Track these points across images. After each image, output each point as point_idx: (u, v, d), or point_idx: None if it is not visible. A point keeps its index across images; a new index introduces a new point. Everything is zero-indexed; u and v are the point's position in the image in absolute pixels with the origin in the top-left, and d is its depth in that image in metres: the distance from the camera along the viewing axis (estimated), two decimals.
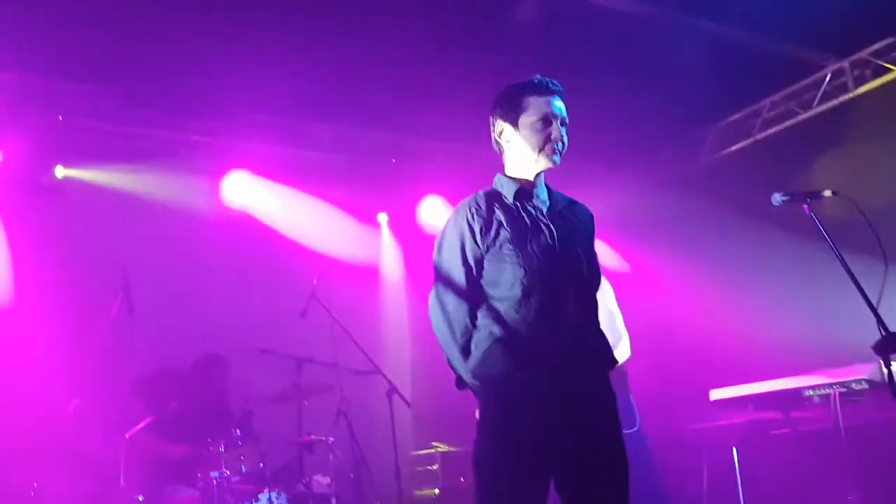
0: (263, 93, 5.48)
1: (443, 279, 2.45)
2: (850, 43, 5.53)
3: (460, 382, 2.44)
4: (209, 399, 5.22)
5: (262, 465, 4.75)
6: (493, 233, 2.36)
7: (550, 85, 2.47)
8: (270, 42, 5.01)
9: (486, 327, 2.35)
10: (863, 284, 2.90)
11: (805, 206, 3.03)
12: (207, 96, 5.47)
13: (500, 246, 2.34)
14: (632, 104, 5.47)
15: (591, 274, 2.45)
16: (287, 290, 5.53)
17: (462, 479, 5.88)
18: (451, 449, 6.09)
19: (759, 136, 6.28)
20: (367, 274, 6.88)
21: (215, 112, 5.77)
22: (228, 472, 4.57)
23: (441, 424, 6.09)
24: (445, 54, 5.20)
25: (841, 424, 4.14)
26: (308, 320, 5.02)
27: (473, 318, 2.39)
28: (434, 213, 6.95)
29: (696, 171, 6.71)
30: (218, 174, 6.22)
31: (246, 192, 6.27)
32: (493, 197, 2.46)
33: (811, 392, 4.33)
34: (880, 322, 2.81)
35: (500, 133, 2.52)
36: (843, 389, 4.14)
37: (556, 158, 2.45)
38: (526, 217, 2.41)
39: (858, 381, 4.03)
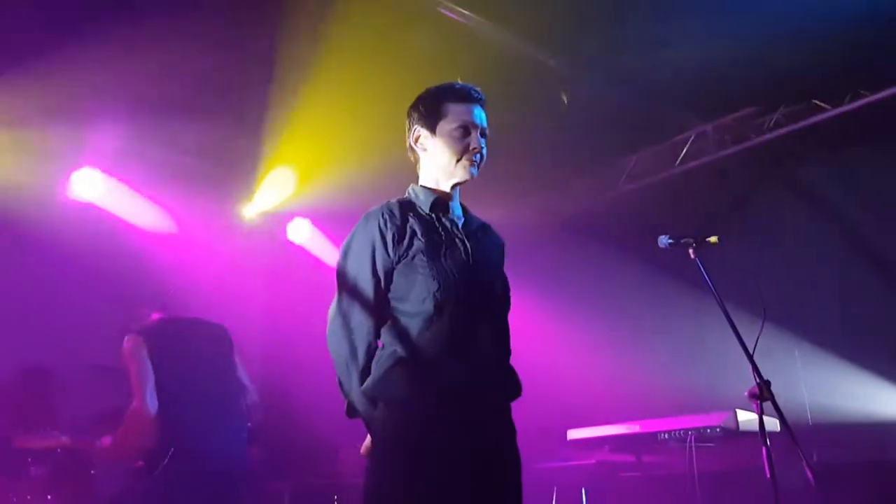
0: (118, 86, 5.03)
1: (348, 290, 2.23)
2: (715, 108, 5.88)
3: (352, 410, 2.20)
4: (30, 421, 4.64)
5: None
6: (406, 243, 2.19)
7: (472, 92, 2.36)
8: (135, 37, 4.62)
9: (389, 346, 2.15)
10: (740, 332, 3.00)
11: (690, 251, 3.12)
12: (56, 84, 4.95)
13: (413, 257, 2.17)
14: (512, 143, 5.52)
15: (505, 299, 2.33)
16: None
17: None
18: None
19: (625, 188, 6.54)
20: (224, 285, 6.44)
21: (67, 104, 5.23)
22: None
23: (291, 453, 5.75)
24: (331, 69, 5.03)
25: (694, 470, 4.27)
26: None
27: (378, 335, 2.19)
28: (299, 228, 6.67)
29: (566, 216, 6.88)
30: (66, 170, 5.63)
31: (95, 191, 5.70)
32: (408, 206, 2.30)
33: (666, 436, 4.45)
34: (755, 369, 2.90)
35: (417, 139, 2.37)
36: (698, 435, 4.28)
37: (474, 171, 2.33)
38: (441, 230, 2.26)
39: (713, 428, 4.17)
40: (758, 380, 2.86)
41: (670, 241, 3.15)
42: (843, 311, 5.27)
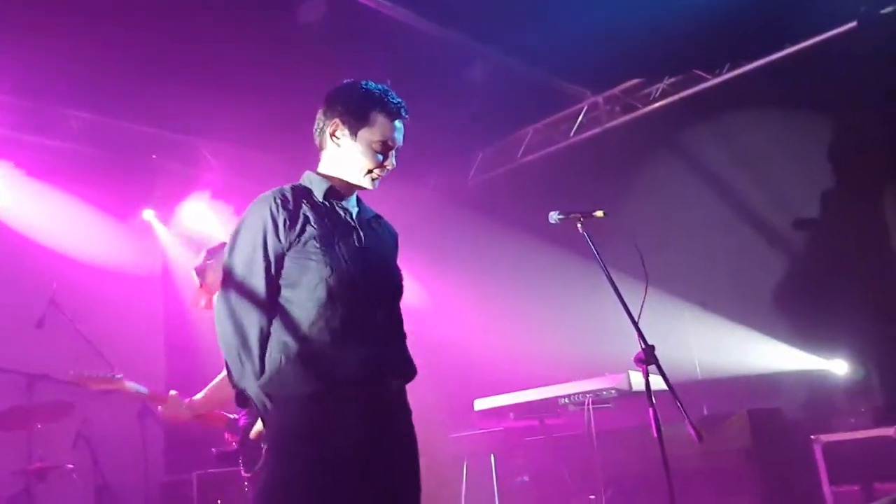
0: None
1: (236, 280, 2.16)
2: (604, 80, 6.06)
3: (243, 399, 2.15)
4: None
5: None
6: (298, 228, 2.13)
7: (402, 110, 2.30)
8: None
9: (280, 336, 2.10)
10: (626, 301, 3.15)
11: (579, 225, 3.23)
12: None
13: (306, 243, 2.12)
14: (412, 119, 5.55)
15: (398, 287, 2.33)
16: (20, 296, 4.87)
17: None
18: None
19: (523, 160, 6.68)
20: (121, 278, 6.22)
21: None
22: None
23: (200, 446, 5.67)
24: (218, 50, 4.92)
25: (592, 430, 4.48)
26: (45, 331, 4.47)
27: (269, 322, 2.13)
28: (197, 214, 6.51)
29: (465, 191, 6.98)
30: None
31: None
32: (301, 192, 2.25)
33: (566, 401, 4.64)
34: (641, 335, 3.05)
35: (334, 132, 2.29)
36: (595, 397, 4.49)
37: (375, 185, 2.31)
38: (335, 217, 2.23)
39: (608, 390, 4.38)
40: (643, 345, 3.01)
41: (560, 216, 3.26)
42: (727, 272, 5.58)
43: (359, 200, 2.39)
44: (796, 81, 5.37)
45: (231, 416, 3.53)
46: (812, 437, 4.68)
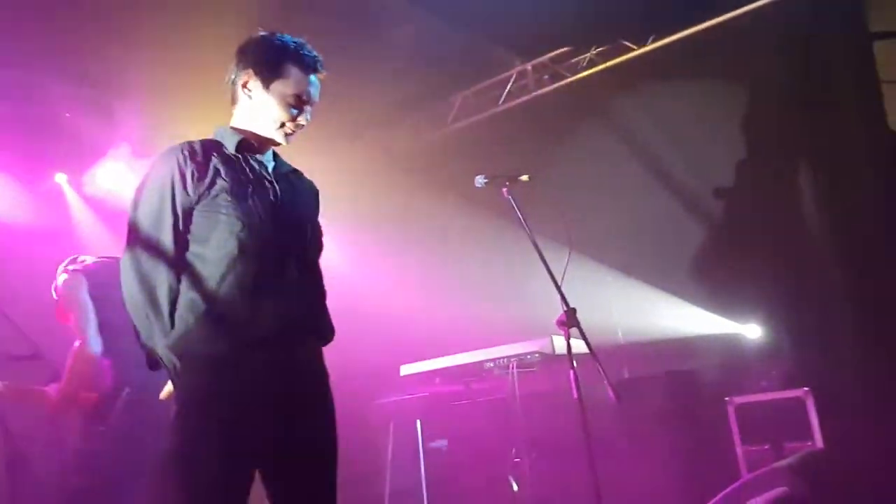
0: None
1: (141, 236, 2.06)
2: (534, 48, 6.07)
3: (153, 361, 2.06)
4: None
5: None
6: (207, 180, 2.05)
7: (318, 64, 2.24)
8: None
9: (189, 293, 2.02)
10: (550, 265, 3.19)
11: (504, 190, 3.24)
12: None
13: (216, 196, 2.05)
14: (335, 82, 5.44)
15: (317, 242, 2.27)
16: None
17: None
18: None
19: (454, 126, 6.65)
20: (33, 240, 5.91)
21: None
22: None
23: None
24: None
25: (516, 393, 4.55)
26: None
27: (178, 279, 2.05)
28: (113, 175, 6.24)
29: (394, 153, 6.91)
30: None
31: None
32: (212, 145, 2.16)
33: (491, 365, 4.68)
34: (563, 299, 3.09)
35: (245, 83, 2.21)
36: (519, 361, 4.55)
37: (289, 140, 2.24)
38: (248, 170, 2.15)
39: (532, 354, 4.44)
40: (565, 308, 3.06)
41: (485, 180, 3.27)
42: (649, 238, 5.70)
43: (275, 155, 2.32)
44: (716, 54, 5.49)
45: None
46: (726, 398, 4.87)
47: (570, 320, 3.04)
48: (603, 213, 5.61)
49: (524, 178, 3.21)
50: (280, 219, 2.13)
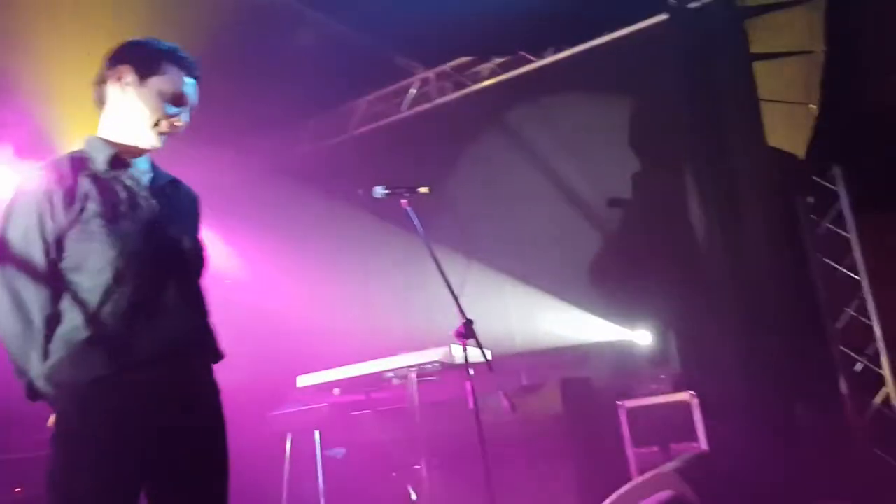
0: None
1: (13, 261, 1.96)
2: (437, 55, 6.10)
3: (33, 392, 1.97)
4: None
5: None
6: (77, 206, 1.95)
7: (195, 69, 2.17)
8: None
9: (67, 322, 1.94)
10: (448, 276, 3.21)
11: (403, 201, 3.24)
12: None
13: (88, 221, 1.95)
14: (234, 86, 5.31)
15: (198, 258, 2.18)
16: None
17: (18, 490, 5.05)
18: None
19: (355, 132, 6.60)
20: None
21: None
22: None
23: None
24: None
25: (416, 402, 4.54)
26: None
27: (55, 308, 1.97)
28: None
29: (294, 161, 6.78)
30: None
31: None
32: (80, 162, 2.04)
33: (391, 374, 4.65)
34: (461, 310, 3.12)
35: (120, 77, 2.10)
36: (419, 371, 4.54)
37: (163, 141, 2.14)
38: (121, 189, 2.04)
39: (433, 363, 4.44)
40: (462, 319, 3.08)
41: (385, 191, 3.26)
42: (546, 247, 5.82)
43: (153, 165, 2.22)
44: (612, 68, 5.67)
45: None
46: (617, 402, 5.04)
47: (467, 332, 3.07)
48: (502, 221, 5.69)
49: (424, 189, 3.22)
50: (158, 240, 2.05)
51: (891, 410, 5.08)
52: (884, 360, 5.15)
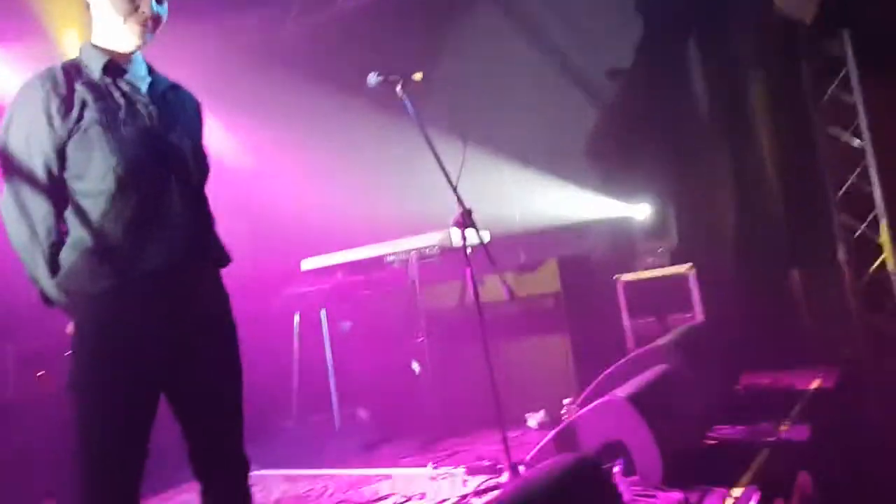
0: None
1: (17, 171, 1.96)
2: None
3: (46, 298, 2.02)
4: None
5: None
6: (75, 114, 1.93)
7: None
8: None
9: (74, 231, 1.97)
10: (445, 161, 3.17)
11: (398, 89, 3.16)
12: None
13: (87, 129, 1.93)
14: None
15: (200, 165, 2.15)
16: None
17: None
18: None
19: (346, 4, 6.31)
20: None
21: None
22: None
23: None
24: None
25: (417, 282, 4.63)
26: None
27: (60, 217, 1.99)
28: None
29: (283, 39, 6.54)
30: None
31: None
32: (75, 70, 2.00)
33: (392, 258, 4.73)
34: (459, 200, 3.11)
35: None
36: (419, 253, 4.60)
37: (149, 36, 2.06)
38: (118, 95, 2.01)
39: (432, 247, 4.49)
40: (461, 209, 3.08)
41: (378, 78, 3.17)
42: (544, 125, 5.71)
43: (151, 70, 2.15)
44: None
45: None
46: (615, 276, 5.13)
47: (466, 221, 3.07)
48: (498, 102, 5.56)
49: (417, 76, 3.13)
50: (159, 147, 2.02)
51: (886, 276, 5.16)
52: (883, 226, 5.18)
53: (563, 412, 3.80)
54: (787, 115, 5.38)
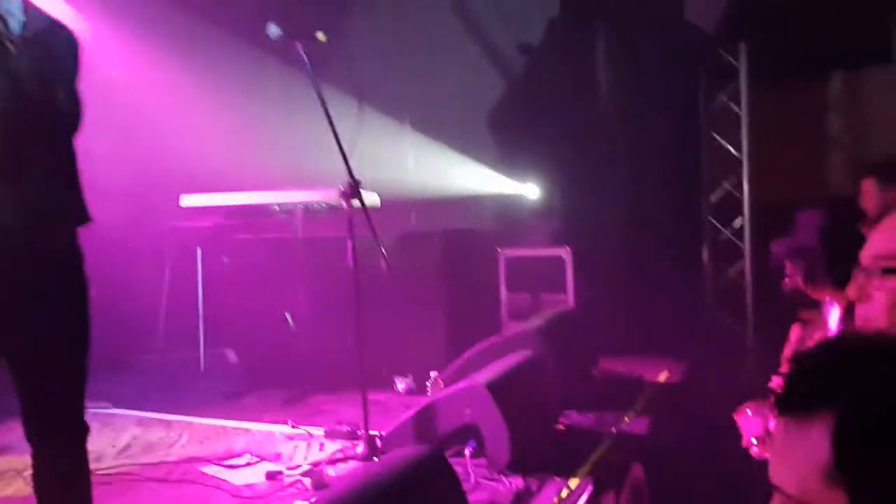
0: None
1: None
2: None
3: None
4: None
5: None
6: None
7: None
8: None
9: None
10: (340, 123, 3.12)
11: (298, 45, 3.06)
12: None
13: None
14: None
15: (70, 115, 1.98)
16: None
17: None
18: None
19: None
20: None
21: None
22: None
23: None
24: None
25: (300, 236, 4.57)
26: None
27: None
28: None
29: None
30: None
31: None
32: None
33: (277, 208, 4.64)
34: (349, 170, 3.08)
35: None
36: (305, 207, 4.53)
37: None
38: None
39: (319, 203, 4.43)
40: (350, 180, 3.05)
41: (279, 33, 3.06)
42: (450, 95, 5.69)
43: (27, 8, 1.97)
44: None
45: None
46: (498, 249, 5.25)
47: (353, 193, 3.05)
48: (403, 66, 5.48)
49: (320, 36, 3.04)
50: (26, 95, 1.86)
51: (743, 281, 5.53)
52: (746, 234, 5.53)
53: (428, 383, 3.90)
54: (681, 118, 5.60)
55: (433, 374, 3.85)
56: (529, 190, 5.65)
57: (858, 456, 0.86)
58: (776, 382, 3.21)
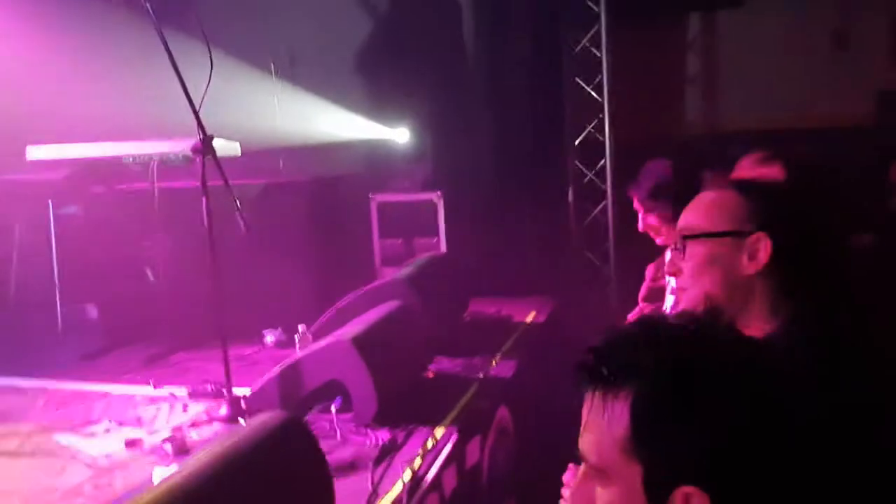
0: None
1: None
2: None
3: None
4: None
5: None
6: None
7: None
8: None
9: None
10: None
11: None
12: None
13: None
14: None
15: None
16: None
17: None
18: None
19: None
20: None
21: None
22: None
23: None
24: None
25: (156, 190, 4.35)
26: None
27: None
28: None
29: None
30: None
31: None
32: None
33: (132, 160, 4.38)
34: (200, 125, 2.94)
35: None
36: (161, 160, 4.30)
37: None
38: None
39: (176, 154, 4.22)
40: (201, 136, 2.93)
41: None
42: (313, 36, 5.49)
43: None
44: None
45: None
46: (370, 195, 5.22)
47: (205, 149, 2.93)
48: (266, 15, 5.24)
49: None
50: None
51: (606, 219, 5.75)
52: (608, 176, 5.73)
53: (296, 336, 3.87)
54: (545, 63, 5.68)
55: (301, 327, 3.83)
56: (399, 134, 5.61)
57: (653, 431, 0.93)
58: (630, 316, 3.40)
